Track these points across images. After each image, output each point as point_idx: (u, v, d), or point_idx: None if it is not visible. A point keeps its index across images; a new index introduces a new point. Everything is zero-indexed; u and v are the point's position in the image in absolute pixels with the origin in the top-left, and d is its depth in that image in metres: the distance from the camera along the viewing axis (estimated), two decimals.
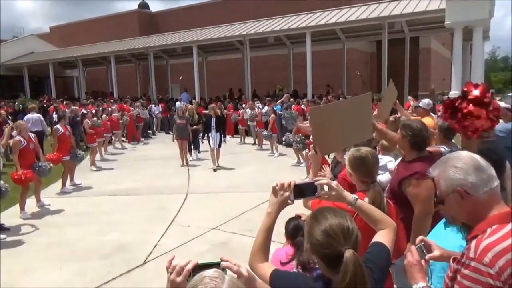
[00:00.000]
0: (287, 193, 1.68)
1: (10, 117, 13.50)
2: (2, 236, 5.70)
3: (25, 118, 11.15)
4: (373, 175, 2.40)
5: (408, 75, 18.02)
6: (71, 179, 8.64)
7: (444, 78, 24.31)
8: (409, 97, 13.24)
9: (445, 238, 1.81)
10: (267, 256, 1.66)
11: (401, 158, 3.10)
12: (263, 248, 1.64)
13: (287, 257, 2.21)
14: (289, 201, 1.69)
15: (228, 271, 1.16)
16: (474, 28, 13.58)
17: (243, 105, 15.56)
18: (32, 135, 7.05)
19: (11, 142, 6.71)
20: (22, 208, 6.68)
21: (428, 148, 3.06)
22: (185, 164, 10.41)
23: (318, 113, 2.62)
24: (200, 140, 11.50)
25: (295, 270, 1.92)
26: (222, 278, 1.00)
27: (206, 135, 10.25)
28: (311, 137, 4.45)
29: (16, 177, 6.33)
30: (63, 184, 8.30)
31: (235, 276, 1.15)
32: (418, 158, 2.84)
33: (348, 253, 1.32)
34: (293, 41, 19.44)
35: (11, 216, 6.53)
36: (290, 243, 2.38)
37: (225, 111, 15.29)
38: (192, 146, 11.42)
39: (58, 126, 8.29)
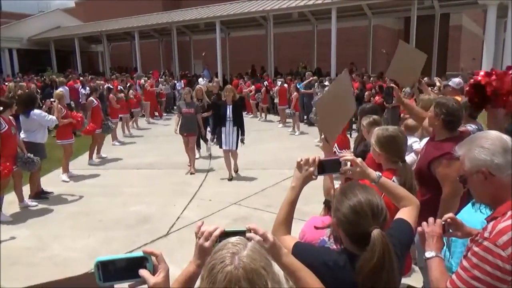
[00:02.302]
0: (311, 169, 1.68)
1: (38, 91, 13.81)
2: (34, 203, 5.98)
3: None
4: (403, 155, 2.38)
5: (436, 54, 17.41)
6: (98, 152, 8.88)
7: (475, 57, 23.33)
8: (436, 78, 12.82)
9: (472, 217, 1.79)
10: (290, 229, 1.67)
11: (430, 137, 3.03)
12: (286, 221, 1.66)
13: (323, 224, 2.23)
14: (313, 176, 1.70)
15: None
16: (509, 4, 12.91)
17: (265, 82, 15.47)
18: None
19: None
20: (65, 170, 7.30)
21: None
22: (193, 170, 7.64)
23: (322, 105, 2.63)
24: (207, 136, 8.37)
25: (325, 238, 1.94)
26: (244, 245, 1.05)
27: (216, 130, 7.04)
28: None
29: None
30: (90, 157, 8.55)
31: (258, 243, 1.18)
32: (449, 138, 2.77)
33: (375, 233, 1.32)
34: (318, 17, 19.00)
35: (42, 186, 6.79)
36: (329, 214, 2.40)
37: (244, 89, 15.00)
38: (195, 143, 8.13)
39: (92, 98, 8.51)
